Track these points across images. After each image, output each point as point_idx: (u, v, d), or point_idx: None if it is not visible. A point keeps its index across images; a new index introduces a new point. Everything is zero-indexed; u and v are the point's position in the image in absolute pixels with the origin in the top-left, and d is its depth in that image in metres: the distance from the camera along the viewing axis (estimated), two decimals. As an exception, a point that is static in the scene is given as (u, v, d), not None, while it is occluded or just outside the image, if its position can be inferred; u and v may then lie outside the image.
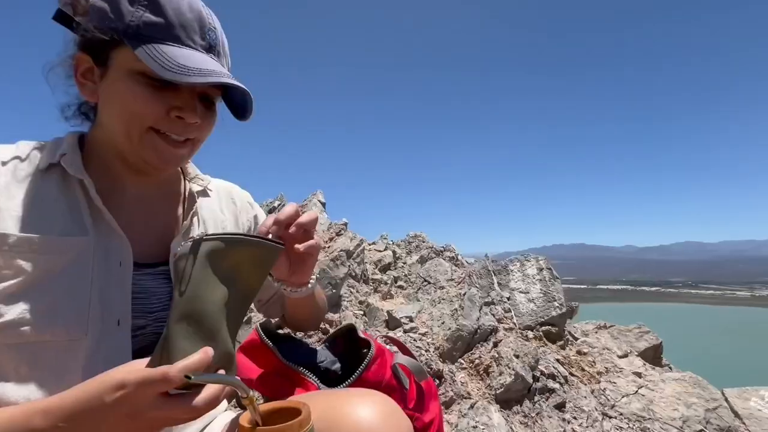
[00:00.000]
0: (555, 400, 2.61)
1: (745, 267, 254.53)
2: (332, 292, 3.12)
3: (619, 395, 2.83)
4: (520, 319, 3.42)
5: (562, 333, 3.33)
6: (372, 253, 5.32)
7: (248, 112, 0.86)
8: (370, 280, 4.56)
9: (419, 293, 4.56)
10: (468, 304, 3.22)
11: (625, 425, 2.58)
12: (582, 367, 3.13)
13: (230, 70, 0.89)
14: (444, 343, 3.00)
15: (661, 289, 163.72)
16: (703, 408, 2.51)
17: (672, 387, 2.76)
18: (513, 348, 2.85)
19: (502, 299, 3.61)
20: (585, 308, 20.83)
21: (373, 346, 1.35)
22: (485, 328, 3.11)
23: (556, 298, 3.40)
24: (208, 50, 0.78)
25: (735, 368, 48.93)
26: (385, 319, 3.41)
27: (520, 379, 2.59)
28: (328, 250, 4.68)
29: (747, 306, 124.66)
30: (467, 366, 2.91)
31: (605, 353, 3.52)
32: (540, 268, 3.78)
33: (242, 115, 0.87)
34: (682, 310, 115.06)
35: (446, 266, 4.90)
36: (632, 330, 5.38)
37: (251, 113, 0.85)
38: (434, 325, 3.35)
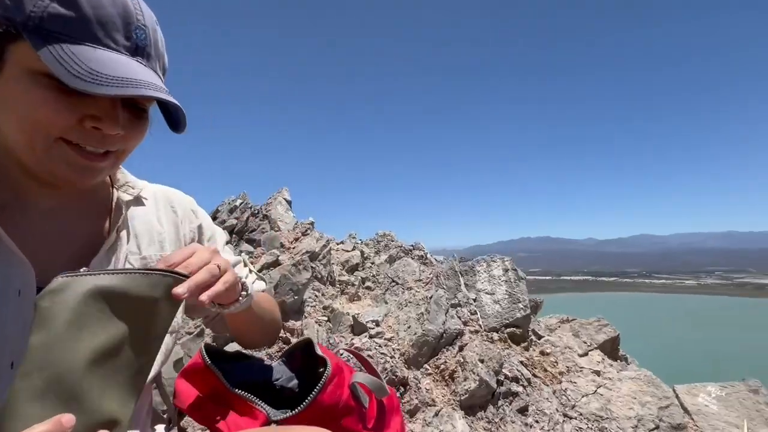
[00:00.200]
0: (518, 404, 2.62)
1: (693, 258, 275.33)
2: (294, 298, 2.98)
3: (580, 395, 2.89)
4: (486, 320, 3.43)
5: (526, 334, 3.36)
6: (339, 254, 5.20)
7: (180, 125, 0.74)
8: (337, 282, 4.44)
9: (387, 294, 4.50)
10: (434, 307, 3.18)
11: (585, 426, 2.63)
12: (545, 368, 3.17)
13: (165, 73, 0.76)
14: (410, 348, 2.95)
15: (618, 280, 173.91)
16: (656, 406, 2.60)
17: (628, 386, 2.84)
18: (478, 352, 2.84)
19: (469, 301, 3.60)
20: (550, 299, 21.70)
21: (330, 366, 1.25)
22: (451, 331, 3.08)
23: (520, 300, 3.43)
24: (133, 52, 0.65)
25: (683, 351, 52.83)
26: (351, 324, 3.31)
27: (484, 385, 2.58)
28: (293, 251, 4.52)
29: (693, 294, 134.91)
30: (433, 372, 2.87)
31: (567, 352, 3.60)
32: (506, 269, 3.80)
33: (175, 126, 0.75)
34: (638, 299, 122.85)
35: (414, 266, 4.86)
36: (592, 323, 5.58)
37: (184, 127, 0.74)
38: (400, 329, 3.29)
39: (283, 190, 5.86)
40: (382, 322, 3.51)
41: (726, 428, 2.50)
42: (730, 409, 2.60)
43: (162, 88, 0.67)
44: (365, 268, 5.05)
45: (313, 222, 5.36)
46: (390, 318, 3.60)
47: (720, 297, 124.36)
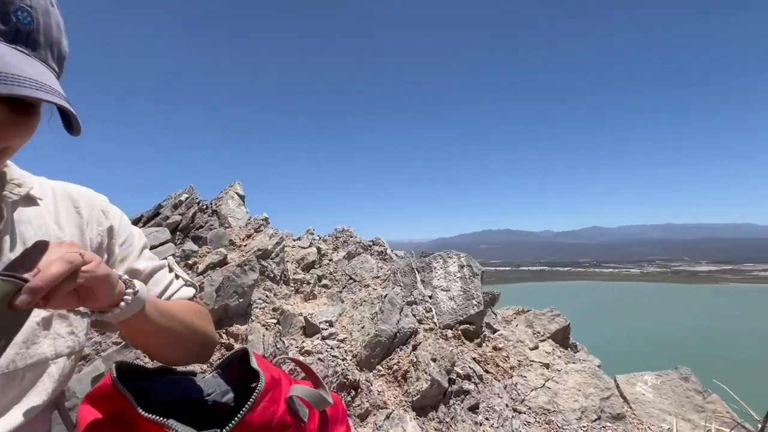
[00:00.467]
0: (469, 402, 2.62)
1: (637, 248, 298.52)
2: (239, 301, 2.80)
3: (529, 389, 2.95)
4: (441, 318, 3.42)
5: (480, 330, 3.39)
6: (295, 251, 5.01)
7: (72, 128, 0.64)
8: (291, 281, 4.27)
9: (344, 292, 4.39)
10: (388, 307, 3.12)
11: (533, 419, 2.68)
12: (497, 363, 3.21)
13: (63, 62, 0.64)
14: (362, 350, 2.87)
15: (571, 269, 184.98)
16: (599, 398, 2.70)
17: (574, 378, 2.93)
18: (431, 351, 2.81)
19: (424, 298, 3.58)
20: (510, 288, 22.53)
21: (262, 381, 1.13)
22: (405, 331, 3.03)
23: (474, 296, 3.44)
24: (13, 39, 0.56)
25: (628, 335, 57.25)
26: (302, 325, 3.17)
27: (436, 385, 2.55)
28: (244, 249, 4.29)
29: (637, 281, 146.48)
30: (385, 373, 2.81)
31: (519, 346, 3.68)
32: (461, 265, 3.81)
33: (69, 127, 0.65)
34: (589, 287, 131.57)
35: (372, 263, 4.78)
36: (545, 313, 5.81)
37: (77, 130, 0.64)
38: (354, 329, 3.20)
39: (236, 184, 5.55)
40: (336, 323, 3.41)
41: (660, 415, 2.64)
42: (664, 396, 2.76)
43: (42, 84, 0.54)
44: (322, 266, 4.90)
45: (267, 218, 5.12)
46: (344, 318, 3.50)
47: (659, 284, 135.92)
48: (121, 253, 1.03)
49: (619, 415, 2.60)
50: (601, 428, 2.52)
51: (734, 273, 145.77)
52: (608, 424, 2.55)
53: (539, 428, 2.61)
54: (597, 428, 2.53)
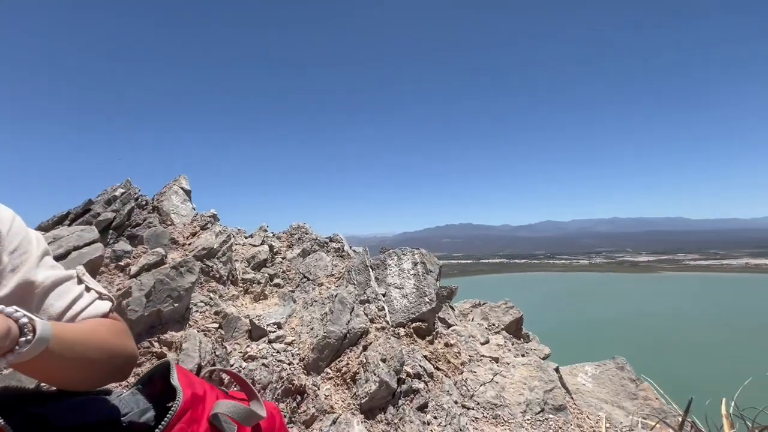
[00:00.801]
0: (418, 402, 2.60)
1: (587, 241, 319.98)
2: (174, 306, 2.58)
3: (478, 384, 2.98)
4: (394, 316, 3.38)
5: (432, 328, 3.39)
6: (246, 249, 4.77)
7: None
8: (240, 281, 4.06)
9: (297, 292, 4.24)
10: (338, 306, 3.02)
11: (481, 415, 2.71)
12: (448, 360, 3.23)
13: None
14: (310, 353, 2.76)
15: (528, 261, 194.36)
16: (543, 390, 2.78)
17: (520, 372, 3.01)
18: (381, 351, 2.76)
19: (378, 297, 3.52)
20: (471, 281, 23.01)
21: (180, 399, 1.00)
22: (355, 331, 2.96)
23: (427, 293, 3.43)
24: None
25: (577, 324, 61.18)
26: (248, 329, 3.01)
27: (384, 386, 2.50)
28: (188, 248, 4.01)
29: (586, 272, 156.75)
30: (334, 375, 2.72)
31: (470, 341, 3.73)
32: (415, 262, 3.79)
33: None
34: (543, 278, 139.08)
35: (327, 261, 4.66)
36: (500, 306, 5.98)
37: None
38: (303, 331, 3.08)
39: (181, 178, 5.18)
40: (285, 324, 3.27)
41: (597, 404, 2.78)
42: (602, 386, 2.90)
43: None
44: (274, 264, 4.71)
45: (216, 214, 4.83)
46: (294, 319, 3.37)
47: (605, 274, 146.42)
48: (11, 262, 0.86)
49: (560, 406, 2.70)
50: (544, 420, 2.60)
51: (669, 262, 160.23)
52: (550, 416, 2.64)
53: (486, 423, 2.64)
54: (540, 420, 2.61)
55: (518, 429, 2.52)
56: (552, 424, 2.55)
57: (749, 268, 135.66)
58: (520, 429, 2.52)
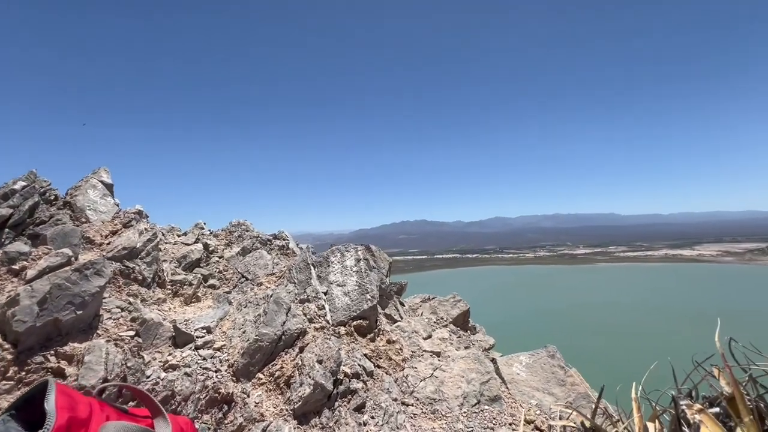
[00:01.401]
0: (356, 402, 2.53)
1: (531, 235, 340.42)
2: (76, 314, 2.27)
3: (418, 380, 2.97)
4: (335, 315, 3.27)
5: (374, 325, 3.32)
6: (177, 248, 4.40)
7: None
8: (168, 283, 3.73)
9: (234, 292, 3.98)
10: (273, 307, 2.86)
11: (419, 411, 2.70)
12: (390, 357, 3.18)
13: None
14: (240, 358, 2.57)
15: (479, 256, 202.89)
16: (479, 382, 2.83)
17: (459, 365, 3.04)
18: (317, 352, 2.64)
19: (318, 295, 3.39)
20: (425, 276, 23.48)
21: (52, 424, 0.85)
22: (292, 332, 2.82)
23: (368, 290, 3.36)
24: None
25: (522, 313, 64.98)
26: (171, 335, 2.75)
27: (319, 389, 2.39)
28: (105, 248, 3.61)
29: (531, 264, 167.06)
30: (266, 381, 2.56)
31: (413, 337, 3.73)
32: (358, 258, 3.70)
33: None
34: (492, 271, 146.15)
35: (268, 259, 4.43)
36: (449, 300, 6.08)
37: None
38: (235, 335, 2.88)
39: (101, 170, 4.66)
40: (215, 329, 3.04)
41: (530, 392, 2.88)
42: (534, 374, 3.02)
43: None
44: (210, 264, 4.39)
45: (142, 210, 4.40)
46: (227, 322, 3.15)
47: (548, 266, 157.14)
48: None
49: (495, 396, 2.76)
50: (479, 411, 2.64)
51: (603, 254, 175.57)
52: (486, 407, 2.68)
53: (425, 419, 2.63)
54: (476, 412, 2.64)
55: (455, 422, 2.53)
56: (487, 415, 2.60)
57: (668, 258, 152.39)
58: (457, 422, 2.53)
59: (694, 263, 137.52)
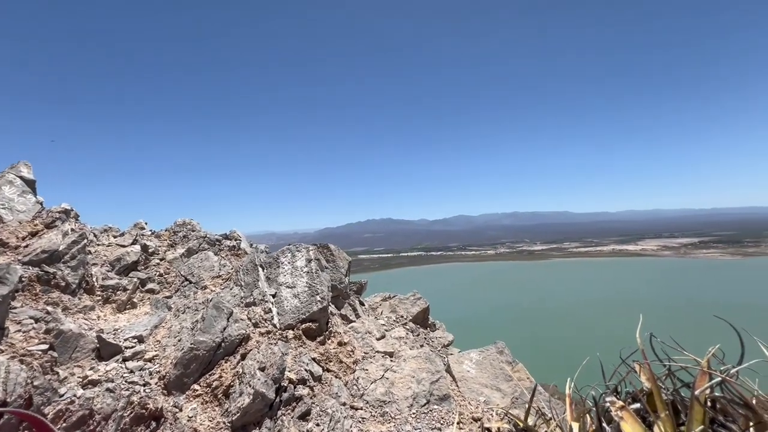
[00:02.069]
0: (301, 410, 2.41)
1: (492, 233, 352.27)
2: (-29, 328, 1.98)
3: (369, 382, 2.90)
4: (283, 318, 3.13)
5: (324, 327, 3.21)
6: (111, 250, 4.04)
7: None
8: (98, 288, 3.40)
9: (175, 297, 3.71)
10: (212, 313, 2.67)
11: (369, 414, 2.63)
12: (340, 359, 3.09)
13: None
14: (172, 369, 2.37)
15: (443, 253, 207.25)
16: (429, 381, 2.81)
17: (410, 365, 3.00)
18: (260, 359, 2.50)
19: (265, 298, 3.23)
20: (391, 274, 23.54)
21: None
22: (233, 338, 2.65)
23: (319, 292, 3.25)
24: None
25: (482, 307, 67.12)
26: (95, 347, 2.49)
27: (259, 398, 2.25)
28: (21, 251, 3.23)
29: (493, 261, 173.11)
30: (203, 392, 2.38)
31: (367, 337, 3.66)
32: (309, 259, 3.57)
33: None
34: (456, 268, 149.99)
35: (214, 260, 4.19)
36: (409, 298, 6.08)
37: None
38: (170, 343, 2.67)
39: (20, 164, 4.18)
40: (148, 337, 2.80)
41: (479, 389, 2.91)
42: (484, 371, 3.05)
43: None
44: (149, 266, 4.07)
45: (68, 209, 3.99)
46: (162, 329, 2.91)
47: (507, 262, 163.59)
48: None
49: (445, 395, 2.75)
50: (428, 411, 2.62)
51: (557, 250, 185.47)
52: (435, 407, 2.67)
53: (373, 422, 2.57)
54: (425, 412, 2.62)
55: (403, 425, 2.49)
56: (436, 414, 2.58)
57: (615, 253, 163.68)
58: (405, 424, 2.49)
59: (637, 257, 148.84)
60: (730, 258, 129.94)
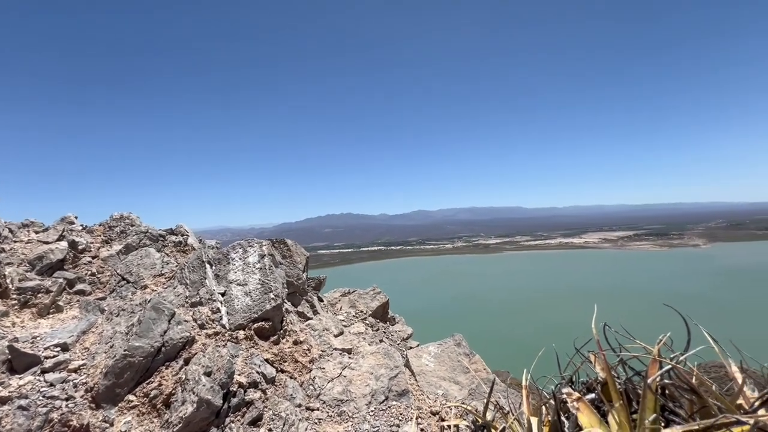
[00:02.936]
0: (252, 415, 2.26)
1: (450, 227, 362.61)
2: None
3: (326, 381, 2.79)
4: (233, 317, 2.93)
5: (278, 326, 3.05)
6: (32, 247, 3.58)
7: None
8: (14, 291, 2.99)
9: (111, 298, 3.36)
10: (150, 315, 2.42)
11: (326, 415, 2.53)
12: (296, 359, 2.95)
13: None
14: (101, 380, 2.12)
15: (403, 248, 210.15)
16: (388, 377, 2.76)
17: (368, 361, 2.94)
18: (206, 363, 2.30)
19: (213, 297, 3.00)
20: (351, 269, 23.38)
21: None
22: (175, 342, 2.42)
23: (272, 289, 3.08)
24: None
25: (441, 300, 69.07)
26: (6, 358, 2.16)
27: (204, 406, 2.07)
28: None
29: (451, 254, 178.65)
30: (139, 403, 2.15)
31: (324, 335, 3.54)
32: (262, 254, 3.37)
33: None
34: (415, 262, 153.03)
35: (156, 257, 3.85)
36: (369, 292, 6.00)
37: None
38: (100, 351, 2.39)
39: None
40: (75, 345, 2.49)
41: (437, 382, 2.91)
42: (442, 364, 3.06)
43: None
44: (79, 265, 3.66)
45: (-23, 201, 3.48)
46: (92, 335, 2.61)
47: (464, 255, 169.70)
48: None
49: (404, 391, 2.71)
50: (386, 408, 2.57)
51: (510, 243, 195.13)
52: (393, 403, 2.62)
53: (330, 423, 2.47)
54: (383, 409, 2.56)
55: (361, 423, 2.42)
56: (394, 411, 2.53)
57: (562, 246, 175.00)
58: (363, 423, 2.42)
59: (581, 249, 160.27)
60: (658, 249, 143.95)
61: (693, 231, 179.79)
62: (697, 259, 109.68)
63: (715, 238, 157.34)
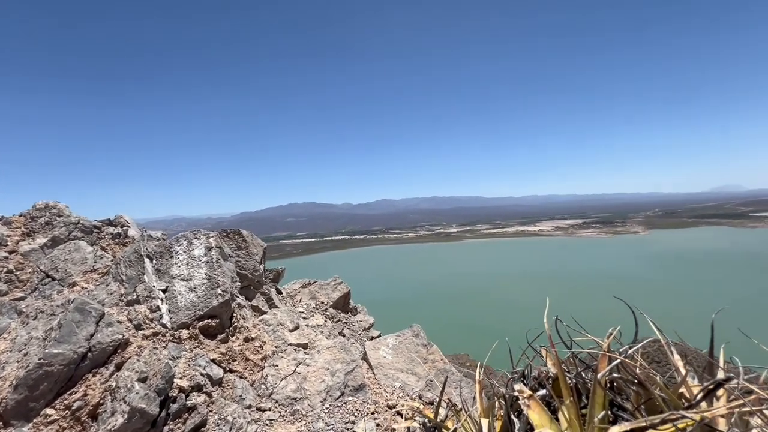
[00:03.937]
0: (194, 421, 2.09)
1: (413, 216, 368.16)
2: None
3: (279, 379, 2.66)
4: (176, 316, 2.70)
5: (227, 323, 2.86)
6: (-70, 241, 3.09)
7: None
8: None
9: (31, 298, 2.99)
10: (74, 317, 2.16)
11: (278, 414, 2.41)
12: (247, 357, 2.79)
13: None
14: (11, 393, 1.86)
15: (367, 237, 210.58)
16: (344, 372, 2.68)
17: (324, 357, 2.84)
18: (140, 368, 2.09)
19: (152, 294, 2.74)
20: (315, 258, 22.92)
21: None
22: (104, 346, 2.18)
23: (220, 284, 2.87)
24: None
25: (403, 289, 70.25)
26: None
27: (137, 416, 1.88)
28: None
29: (414, 243, 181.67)
30: (59, 417, 1.91)
31: (279, 330, 3.38)
32: (209, 247, 3.13)
33: None
34: (379, 251, 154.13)
35: (87, 252, 3.48)
36: (330, 283, 5.86)
37: None
38: (12, 359, 2.10)
39: None
40: (-19, 353, 2.17)
41: (394, 375, 2.87)
42: (400, 355, 3.02)
43: None
44: (-8, 261, 3.22)
45: None
46: (3, 342, 2.29)
47: (427, 243, 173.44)
48: None
49: (360, 385, 2.65)
50: (342, 404, 2.49)
51: (471, 232, 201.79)
52: (350, 398, 2.55)
53: (283, 423, 2.35)
54: (339, 405, 2.48)
55: (315, 422, 2.32)
56: (350, 407, 2.46)
57: (519, 234, 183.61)
58: (317, 421, 2.32)
59: (536, 237, 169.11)
60: (604, 236, 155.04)
61: (633, 219, 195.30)
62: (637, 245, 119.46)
63: (652, 225, 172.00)
